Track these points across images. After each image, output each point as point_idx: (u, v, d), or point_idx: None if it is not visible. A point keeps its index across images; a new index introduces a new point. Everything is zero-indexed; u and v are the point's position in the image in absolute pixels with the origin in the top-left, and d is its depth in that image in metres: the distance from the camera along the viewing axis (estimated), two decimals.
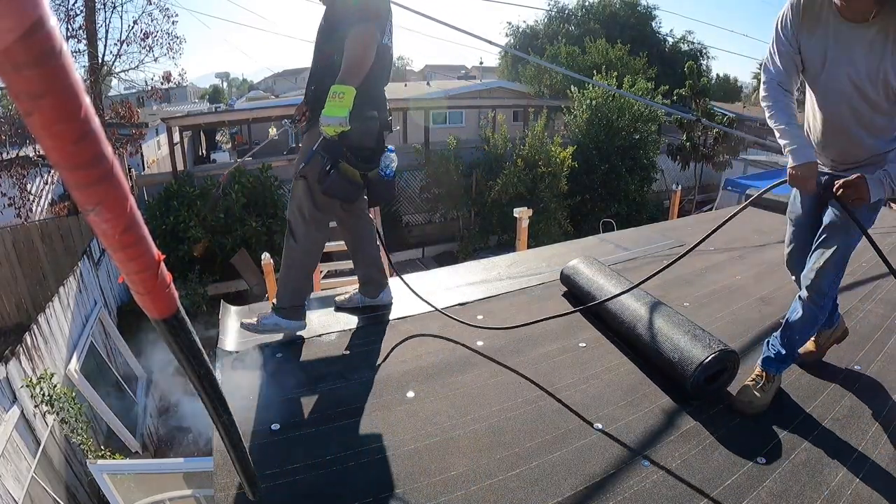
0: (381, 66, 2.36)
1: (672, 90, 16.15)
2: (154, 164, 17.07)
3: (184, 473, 3.64)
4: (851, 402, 2.06)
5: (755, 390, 2.01)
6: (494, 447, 1.77)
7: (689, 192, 15.68)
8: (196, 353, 0.85)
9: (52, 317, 5.45)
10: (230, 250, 8.86)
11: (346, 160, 2.27)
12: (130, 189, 0.60)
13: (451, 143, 11.70)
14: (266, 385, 2.14)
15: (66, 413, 4.61)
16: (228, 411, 1.00)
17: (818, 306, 1.98)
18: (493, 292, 3.08)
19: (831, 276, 1.94)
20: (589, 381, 2.16)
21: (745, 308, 2.90)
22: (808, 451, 1.76)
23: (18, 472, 3.90)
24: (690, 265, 3.59)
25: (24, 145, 8.73)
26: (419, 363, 2.30)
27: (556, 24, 27.35)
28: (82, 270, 6.91)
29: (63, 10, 8.69)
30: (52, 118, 0.48)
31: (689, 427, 1.89)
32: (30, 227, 8.46)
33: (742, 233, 4.43)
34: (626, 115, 12.76)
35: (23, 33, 0.42)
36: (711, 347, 2.01)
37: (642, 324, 2.30)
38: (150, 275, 0.69)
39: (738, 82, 44.04)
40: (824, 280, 1.94)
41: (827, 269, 1.94)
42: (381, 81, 2.42)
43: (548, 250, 4.04)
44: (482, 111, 18.16)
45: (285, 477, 1.64)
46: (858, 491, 1.59)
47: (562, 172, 11.45)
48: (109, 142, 0.55)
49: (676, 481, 1.62)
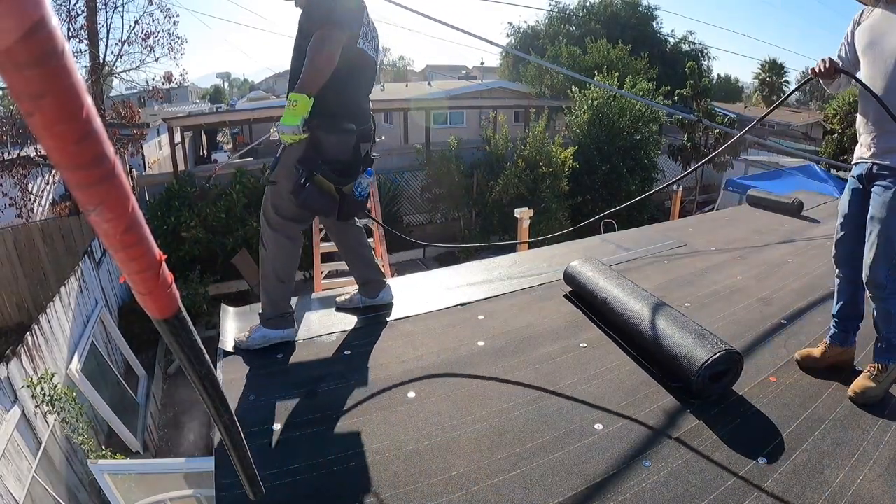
0: (359, 75, 2.33)
1: (673, 90, 16.17)
2: (155, 165, 17.09)
3: (185, 473, 3.64)
4: (852, 402, 2.05)
5: (871, 380, 2.07)
6: (495, 447, 1.77)
7: (691, 193, 15.68)
8: (197, 352, 0.85)
9: (53, 317, 5.46)
10: (231, 250, 8.87)
11: (321, 173, 2.24)
12: (132, 189, 0.60)
13: (453, 144, 11.70)
14: (267, 385, 2.14)
15: (66, 413, 4.62)
16: (230, 411, 1.00)
17: (882, 299, 2.06)
18: (494, 292, 3.08)
19: (884, 267, 2.01)
20: (590, 382, 2.16)
21: (745, 309, 2.90)
22: (809, 452, 1.76)
23: (19, 471, 3.90)
24: (691, 265, 3.59)
25: (25, 145, 8.75)
26: (420, 363, 2.30)
27: (557, 24, 27.34)
28: (83, 270, 6.92)
29: (64, 10, 8.71)
30: (54, 118, 0.48)
31: (690, 427, 1.89)
32: (31, 226, 8.47)
33: (742, 233, 4.43)
34: (627, 116, 12.76)
35: (24, 33, 0.42)
36: (718, 346, 2.01)
37: (646, 323, 2.30)
38: (152, 275, 0.69)
39: (740, 83, 44.05)
40: (878, 272, 2.02)
41: (877, 260, 2.01)
42: (360, 90, 2.38)
43: (549, 250, 4.04)
44: (483, 111, 18.18)
45: (286, 477, 1.64)
46: (859, 491, 1.59)
47: (563, 173, 11.45)
48: (111, 142, 0.55)
49: (678, 482, 1.62)
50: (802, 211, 5.01)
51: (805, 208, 5.08)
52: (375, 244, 4.47)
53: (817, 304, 2.97)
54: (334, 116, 2.23)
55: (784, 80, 39.89)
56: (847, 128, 19.81)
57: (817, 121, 26.65)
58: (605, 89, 12.39)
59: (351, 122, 2.29)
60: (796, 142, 24.28)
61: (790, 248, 4.04)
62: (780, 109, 35.07)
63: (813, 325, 2.70)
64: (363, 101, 2.42)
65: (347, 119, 2.28)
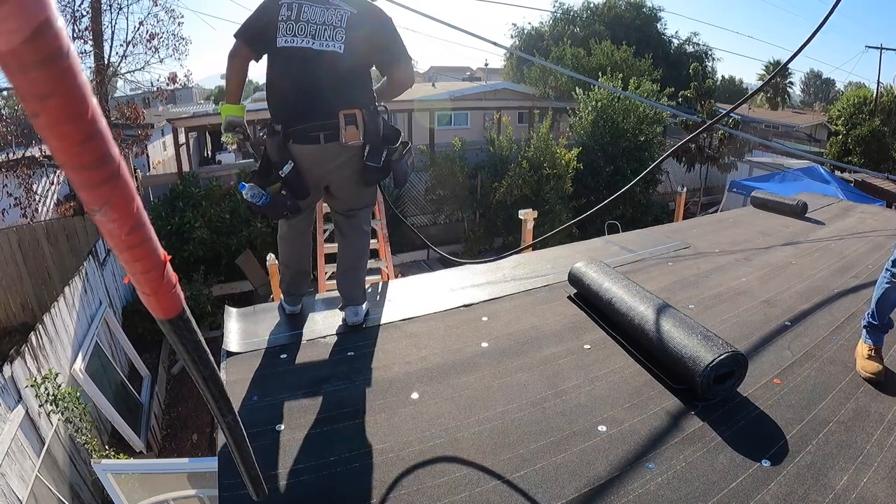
0: (284, 75, 2.31)
1: (677, 92, 16.15)
2: (160, 165, 17.15)
3: (188, 473, 3.65)
4: (856, 404, 2.04)
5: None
6: (499, 449, 1.77)
7: (695, 194, 15.66)
8: (201, 353, 0.85)
9: (57, 317, 5.48)
10: (235, 251, 8.90)
11: (270, 180, 2.40)
12: (136, 189, 0.60)
13: (456, 145, 11.72)
14: (271, 386, 2.14)
15: (70, 413, 4.63)
16: (233, 412, 1.00)
17: None
18: (497, 294, 3.08)
19: None
20: (594, 383, 2.16)
21: (749, 311, 2.89)
22: (813, 454, 1.76)
23: (23, 471, 3.91)
24: (696, 267, 3.58)
25: (30, 146, 8.78)
26: (423, 364, 2.30)
27: (561, 25, 27.34)
28: (87, 270, 6.94)
29: (69, 11, 8.75)
30: (59, 119, 0.48)
31: (693, 430, 1.88)
32: (35, 227, 8.51)
33: (747, 235, 4.42)
34: (631, 117, 12.76)
35: (30, 34, 0.42)
36: (723, 348, 2.00)
37: (650, 324, 2.29)
38: (156, 275, 0.69)
39: (744, 84, 43.98)
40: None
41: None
42: (289, 90, 2.31)
43: (552, 252, 4.03)
44: (487, 113, 18.20)
45: (290, 478, 1.64)
46: (863, 494, 1.58)
47: (567, 174, 11.45)
48: (115, 143, 0.55)
49: (681, 484, 1.62)
50: (807, 213, 5.00)
51: (809, 210, 5.06)
52: (380, 244, 4.47)
53: (821, 306, 2.96)
54: (269, 121, 2.37)
55: (788, 80, 39.77)
56: (851, 129, 19.76)
57: (822, 122, 26.60)
58: (609, 90, 12.39)
59: (279, 123, 2.33)
60: (800, 143, 24.21)
61: (794, 250, 4.02)
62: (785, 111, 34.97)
63: (817, 328, 2.69)
64: (296, 100, 2.30)
65: (276, 121, 2.35)
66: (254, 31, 2.30)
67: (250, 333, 2.58)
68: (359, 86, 2.37)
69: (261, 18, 2.29)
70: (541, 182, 11.13)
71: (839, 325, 2.70)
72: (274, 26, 2.25)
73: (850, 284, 3.27)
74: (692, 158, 15.28)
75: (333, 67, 2.27)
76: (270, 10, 2.27)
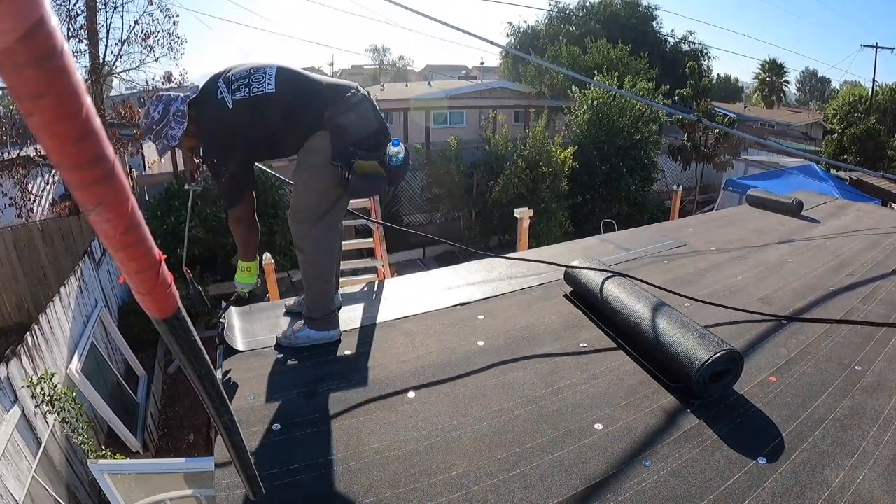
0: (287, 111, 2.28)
1: (673, 90, 16.19)
2: (155, 165, 17.06)
3: (185, 473, 3.64)
4: (852, 402, 2.05)
5: None
6: (495, 447, 1.77)
7: (691, 193, 15.69)
8: (197, 352, 0.85)
9: (53, 317, 5.46)
10: (231, 250, 8.85)
11: (358, 157, 2.24)
12: (131, 189, 0.60)
13: (452, 144, 11.72)
14: (267, 385, 2.14)
15: (66, 413, 4.62)
16: (229, 411, 1.00)
17: None
18: (494, 292, 3.08)
19: None
20: (590, 382, 2.16)
21: (745, 309, 2.89)
22: (809, 452, 1.76)
23: (19, 471, 3.90)
24: (691, 265, 3.59)
25: (25, 145, 8.75)
26: (420, 363, 2.30)
27: (557, 24, 27.38)
28: (83, 270, 6.92)
29: (64, 10, 8.70)
30: (53, 118, 0.48)
31: (690, 427, 1.89)
32: (31, 226, 8.48)
33: (742, 233, 4.43)
34: (627, 116, 12.78)
35: (24, 33, 0.42)
36: (719, 346, 2.01)
37: (646, 322, 2.30)
38: (151, 275, 0.69)
39: (740, 83, 44.11)
40: None
41: None
42: (276, 125, 2.31)
43: (548, 251, 4.04)
44: (483, 111, 18.18)
45: (286, 477, 1.64)
46: (859, 491, 1.59)
47: (563, 173, 11.46)
48: (110, 142, 0.55)
49: (677, 481, 1.62)
50: (802, 211, 5.01)
51: (805, 208, 5.08)
52: (375, 243, 4.47)
53: (817, 303, 2.97)
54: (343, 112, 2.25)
55: (784, 79, 39.87)
56: (847, 128, 19.86)
57: (817, 121, 26.69)
58: (605, 89, 12.41)
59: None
60: (796, 142, 24.28)
61: (790, 248, 4.04)
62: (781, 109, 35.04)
63: (813, 326, 2.69)
64: (305, 123, 2.30)
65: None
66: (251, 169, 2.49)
67: (247, 332, 2.58)
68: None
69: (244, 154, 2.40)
70: (537, 181, 11.14)
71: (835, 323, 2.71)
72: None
73: (845, 282, 3.28)
74: (688, 157, 15.32)
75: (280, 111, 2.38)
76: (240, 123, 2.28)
